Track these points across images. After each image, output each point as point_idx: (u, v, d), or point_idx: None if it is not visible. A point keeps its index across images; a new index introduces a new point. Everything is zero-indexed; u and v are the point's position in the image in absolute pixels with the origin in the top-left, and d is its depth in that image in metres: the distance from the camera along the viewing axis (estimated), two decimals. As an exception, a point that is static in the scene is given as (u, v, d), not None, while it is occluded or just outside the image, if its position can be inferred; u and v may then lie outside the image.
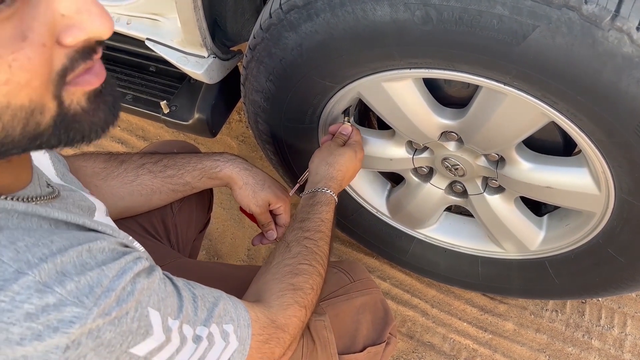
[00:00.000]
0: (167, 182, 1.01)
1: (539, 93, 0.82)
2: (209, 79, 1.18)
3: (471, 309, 1.50)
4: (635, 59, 0.71)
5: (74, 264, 0.49)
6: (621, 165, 0.87)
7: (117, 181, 0.98)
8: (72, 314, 0.47)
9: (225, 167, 1.02)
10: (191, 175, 1.02)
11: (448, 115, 1.01)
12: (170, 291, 0.59)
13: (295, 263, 0.84)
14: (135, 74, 1.42)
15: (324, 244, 0.90)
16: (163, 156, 1.03)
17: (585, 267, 1.14)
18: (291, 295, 0.79)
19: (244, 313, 0.69)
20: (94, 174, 0.97)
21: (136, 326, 0.52)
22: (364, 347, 0.99)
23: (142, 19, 1.21)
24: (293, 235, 0.90)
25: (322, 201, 0.97)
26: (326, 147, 1.08)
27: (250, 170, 1.04)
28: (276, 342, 0.74)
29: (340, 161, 1.04)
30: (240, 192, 1.04)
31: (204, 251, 1.66)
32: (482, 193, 1.16)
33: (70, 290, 0.47)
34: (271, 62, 1.00)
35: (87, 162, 0.98)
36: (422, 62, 0.87)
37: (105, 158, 1.00)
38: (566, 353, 1.41)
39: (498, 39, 0.76)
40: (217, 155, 1.04)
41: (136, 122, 1.99)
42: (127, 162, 1.00)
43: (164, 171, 1.01)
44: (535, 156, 1.02)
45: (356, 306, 1.00)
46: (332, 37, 0.89)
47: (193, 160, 1.03)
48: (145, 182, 1.00)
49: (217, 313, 0.64)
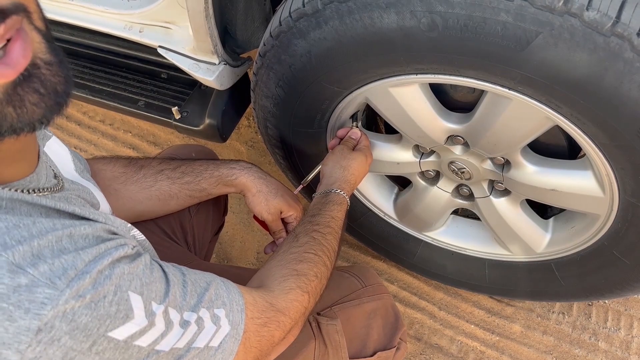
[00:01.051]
0: (184, 188, 1.03)
1: (543, 97, 0.84)
2: (219, 85, 1.21)
3: (478, 311, 1.51)
4: (636, 64, 0.73)
5: (52, 248, 0.50)
6: (624, 168, 0.89)
7: (135, 186, 1.00)
8: (44, 295, 0.47)
9: (241, 175, 1.04)
10: (208, 182, 1.04)
11: (454, 119, 1.03)
12: (158, 277, 0.59)
13: (301, 251, 0.85)
14: (148, 81, 1.45)
15: (333, 239, 0.92)
16: (181, 162, 1.05)
17: (590, 269, 1.15)
18: (294, 280, 0.80)
19: (238, 297, 0.69)
20: (113, 177, 1.00)
21: (115, 310, 0.52)
22: (374, 351, 1.00)
23: (155, 27, 1.24)
24: (302, 228, 0.91)
25: (334, 200, 0.99)
26: (339, 150, 1.10)
27: (265, 178, 1.06)
28: (276, 325, 0.74)
29: (353, 165, 1.06)
30: (254, 199, 1.05)
31: (214, 254, 1.68)
32: (488, 196, 1.17)
33: (42, 272, 0.47)
34: (281, 68, 1.03)
35: (107, 165, 1.00)
36: (429, 68, 0.90)
37: (125, 163, 1.02)
38: (573, 355, 1.42)
39: (502, 45, 0.78)
40: (233, 163, 1.06)
41: (147, 127, 2.02)
42: (146, 168, 1.02)
43: (182, 177, 1.03)
44: (540, 159, 1.04)
45: (367, 311, 1.01)
46: (341, 44, 0.91)
47: (210, 167, 1.05)
48: (164, 187, 1.02)
49: (207, 297, 0.64)
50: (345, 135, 1.15)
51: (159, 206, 1.03)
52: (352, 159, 1.07)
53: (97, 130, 2.05)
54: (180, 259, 1.03)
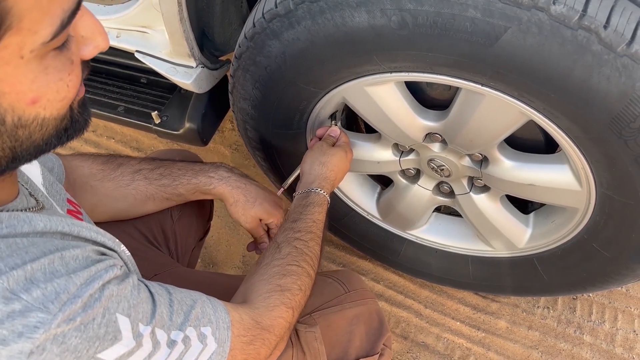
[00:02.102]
0: (161, 190, 1.03)
1: (515, 92, 0.85)
2: (198, 88, 1.21)
3: (464, 308, 1.52)
4: (604, 57, 0.73)
5: (44, 270, 0.51)
6: (599, 161, 0.89)
7: (112, 183, 1.00)
8: (37, 319, 0.48)
9: (219, 185, 1.04)
10: (185, 188, 1.03)
11: (431, 117, 1.04)
12: (145, 297, 0.60)
13: (284, 264, 0.85)
14: (127, 86, 1.45)
15: (315, 245, 0.92)
16: (161, 164, 1.05)
17: (572, 263, 1.16)
18: (278, 296, 0.80)
19: (224, 315, 0.70)
20: (90, 174, 0.99)
21: (103, 332, 0.53)
22: (356, 358, 0.98)
23: (131, 32, 1.23)
24: (284, 236, 0.91)
25: (315, 202, 0.98)
26: (318, 147, 1.09)
27: (243, 187, 1.05)
28: (261, 342, 0.74)
29: (333, 161, 1.05)
30: (231, 209, 1.06)
31: (200, 259, 1.67)
32: (468, 193, 1.18)
33: (36, 297, 0.49)
34: (257, 70, 1.03)
35: (85, 162, 1.00)
36: (402, 66, 0.90)
37: (103, 160, 1.02)
38: (558, 349, 1.42)
39: (472, 41, 0.78)
40: (212, 172, 1.05)
41: (130, 133, 2.01)
42: (124, 166, 1.02)
43: (159, 179, 1.02)
44: (517, 154, 1.04)
45: (349, 317, 0.99)
46: (314, 44, 0.91)
47: (189, 173, 1.04)
48: (140, 187, 1.01)
49: (194, 315, 0.65)
50: (324, 133, 1.15)
51: (135, 206, 1.02)
52: (332, 154, 1.06)
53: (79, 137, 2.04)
54: (161, 266, 1.02)
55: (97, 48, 0.52)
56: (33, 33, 0.43)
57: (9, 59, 0.43)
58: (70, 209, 0.78)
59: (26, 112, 0.47)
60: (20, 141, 0.49)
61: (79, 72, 0.51)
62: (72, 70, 0.49)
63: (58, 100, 0.49)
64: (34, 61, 0.45)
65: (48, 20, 0.44)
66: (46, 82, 0.47)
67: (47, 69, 0.47)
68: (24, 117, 0.48)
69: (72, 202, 0.81)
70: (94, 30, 0.51)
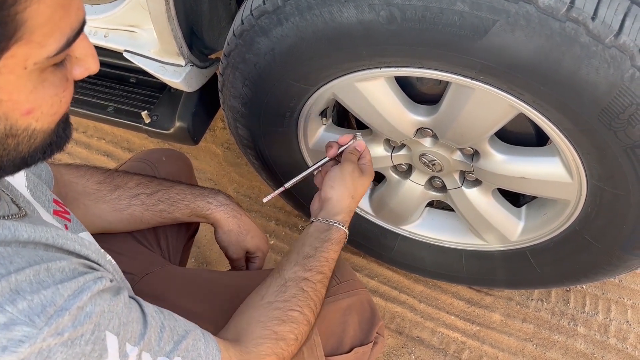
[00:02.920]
0: (156, 215, 1.02)
1: (504, 86, 0.85)
2: (187, 87, 1.20)
3: (458, 302, 1.52)
4: (592, 48, 0.73)
5: (30, 281, 0.50)
6: (590, 153, 0.90)
7: (107, 206, 0.98)
8: (22, 333, 0.47)
9: (217, 211, 1.04)
10: (181, 212, 1.03)
11: (421, 112, 1.04)
12: (136, 317, 0.59)
13: (286, 308, 0.81)
14: (116, 86, 1.44)
15: (322, 287, 0.88)
16: (159, 186, 1.03)
17: (564, 255, 1.17)
18: (271, 344, 0.77)
19: (215, 352, 0.69)
20: (84, 192, 0.97)
21: (90, 349, 0.52)
22: (351, 347, 0.98)
23: (119, 31, 1.23)
24: (293, 272, 0.86)
25: (334, 238, 0.92)
26: (349, 173, 0.98)
27: (239, 218, 1.06)
28: None
29: (361, 192, 1.00)
30: (223, 236, 1.06)
31: (193, 258, 1.67)
32: (460, 187, 1.18)
33: (21, 309, 0.48)
34: (246, 67, 1.02)
35: (80, 179, 0.98)
36: (391, 61, 0.90)
37: (99, 179, 1.00)
38: (553, 341, 1.43)
39: (461, 34, 0.78)
40: (211, 197, 1.05)
41: (121, 134, 2.00)
42: (122, 189, 1.00)
43: (157, 205, 1.02)
44: (508, 148, 1.04)
45: (342, 307, 0.99)
46: (303, 40, 0.91)
47: (187, 198, 1.03)
48: (136, 212, 1.00)
49: (183, 346, 0.64)
50: (347, 143, 1.04)
51: (126, 228, 1.02)
52: (362, 185, 0.99)
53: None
54: (152, 265, 1.02)
55: (88, 70, 0.54)
56: (41, 46, 0.45)
57: (13, 68, 0.45)
58: (56, 209, 0.77)
59: (19, 121, 0.48)
60: (8, 150, 0.49)
61: (72, 89, 0.53)
62: (67, 87, 0.51)
63: (50, 114, 0.51)
64: (35, 73, 0.47)
65: (57, 36, 0.46)
66: (42, 95, 0.49)
67: (44, 82, 0.48)
68: (16, 127, 0.48)
69: (58, 202, 0.79)
70: (87, 53, 0.53)
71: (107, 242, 0.95)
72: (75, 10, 0.47)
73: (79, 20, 0.48)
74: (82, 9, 0.48)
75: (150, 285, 0.95)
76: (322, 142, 1.21)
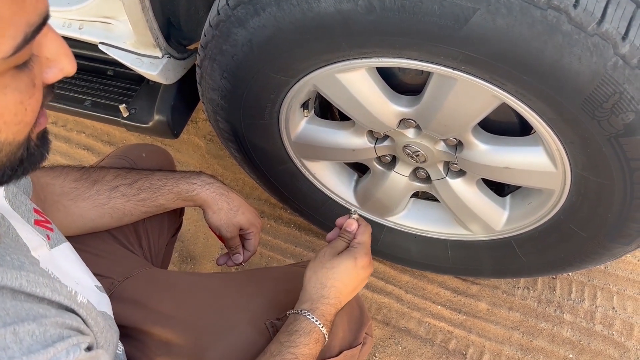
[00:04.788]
0: (139, 205, 0.99)
1: (486, 75, 0.83)
2: (165, 79, 1.17)
3: (444, 291, 1.51)
4: (574, 36, 0.72)
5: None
6: (573, 142, 0.89)
7: (87, 203, 0.95)
8: None
9: (202, 191, 1.01)
10: (165, 197, 1.00)
11: (404, 102, 1.02)
12: None
13: None
14: (93, 79, 1.40)
15: None
16: (138, 176, 1.00)
17: (550, 244, 1.16)
18: None
19: None
20: (62, 193, 0.94)
21: None
22: (340, 351, 0.94)
23: (94, 23, 1.19)
24: None
25: (302, 330, 0.81)
26: (320, 255, 0.90)
27: (226, 195, 1.03)
28: None
29: (334, 277, 0.86)
30: (214, 216, 1.03)
31: (177, 253, 1.65)
32: (444, 178, 1.17)
33: None
34: (223, 59, 1.00)
35: (57, 180, 0.94)
36: (371, 52, 0.88)
37: (76, 176, 0.96)
38: (539, 329, 1.43)
39: (441, 24, 0.76)
40: (194, 178, 1.02)
41: (101, 127, 1.97)
42: (100, 183, 0.96)
43: (138, 194, 0.98)
44: (492, 138, 1.03)
45: None
46: (280, 31, 0.89)
47: (170, 182, 1.00)
48: (117, 205, 0.97)
49: None
50: (342, 224, 0.96)
51: (111, 223, 0.99)
52: (332, 268, 0.86)
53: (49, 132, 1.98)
54: (133, 267, 0.99)
55: (62, 72, 0.48)
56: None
57: None
58: (37, 219, 0.73)
59: None
60: None
61: (40, 96, 0.47)
62: (33, 93, 0.45)
63: (15, 124, 0.45)
64: None
65: (11, 33, 0.40)
66: (4, 104, 0.43)
67: (5, 89, 0.43)
68: None
69: (39, 212, 0.75)
70: (59, 52, 0.47)
71: (86, 244, 0.94)
72: (32, 3, 0.41)
73: (38, 13, 0.42)
74: (42, 1, 0.42)
75: (131, 289, 0.93)
76: (305, 134, 1.19)
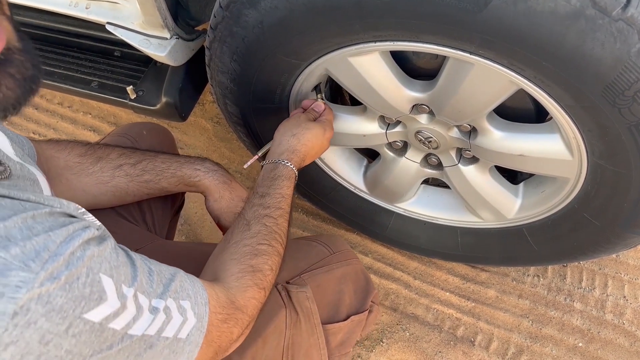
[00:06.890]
0: (142, 186, 0.99)
1: (505, 61, 0.81)
2: (173, 61, 1.15)
3: (453, 278, 1.50)
4: (598, 21, 0.69)
5: (20, 228, 0.49)
6: (591, 130, 0.86)
7: (90, 179, 0.96)
8: (19, 278, 0.46)
9: (205, 177, 1.01)
10: (168, 181, 1.00)
11: (418, 87, 0.99)
12: (124, 261, 0.58)
13: (255, 243, 0.83)
14: (100, 60, 1.38)
15: (284, 222, 0.89)
16: (143, 157, 1.00)
17: (562, 233, 1.14)
18: (250, 277, 0.78)
19: (202, 291, 0.69)
20: (66, 166, 0.94)
21: (88, 291, 0.51)
22: (347, 316, 1.00)
23: (101, 3, 1.17)
24: (253, 213, 0.88)
25: (283, 175, 0.94)
26: (295, 118, 1.05)
27: (229, 184, 1.03)
28: (234, 322, 0.73)
29: (307, 135, 1.01)
30: (215, 204, 1.03)
31: (184, 236, 1.64)
32: (456, 164, 1.15)
33: (15, 255, 0.46)
34: (234, 41, 0.98)
35: (61, 153, 0.95)
36: (386, 35, 0.85)
37: (81, 151, 0.97)
38: (549, 317, 1.42)
39: (459, 7, 0.74)
40: (198, 164, 1.02)
41: (107, 108, 1.95)
42: (104, 160, 0.97)
43: (141, 175, 0.99)
44: (507, 124, 1.01)
45: (337, 277, 1.00)
46: (293, 13, 0.86)
47: (173, 166, 1.00)
48: (120, 184, 0.97)
49: (173, 288, 0.64)
50: (309, 106, 1.10)
51: (112, 201, 0.99)
52: (307, 128, 1.01)
53: (55, 113, 1.97)
54: (140, 241, 1.00)
55: None
56: None
57: None
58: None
59: None
60: None
61: None
62: None
63: None
64: None
65: None
66: None
67: None
68: None
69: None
70: None
71: None
72: None
73: None
74: None
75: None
76: (315, 118, 1.17)
